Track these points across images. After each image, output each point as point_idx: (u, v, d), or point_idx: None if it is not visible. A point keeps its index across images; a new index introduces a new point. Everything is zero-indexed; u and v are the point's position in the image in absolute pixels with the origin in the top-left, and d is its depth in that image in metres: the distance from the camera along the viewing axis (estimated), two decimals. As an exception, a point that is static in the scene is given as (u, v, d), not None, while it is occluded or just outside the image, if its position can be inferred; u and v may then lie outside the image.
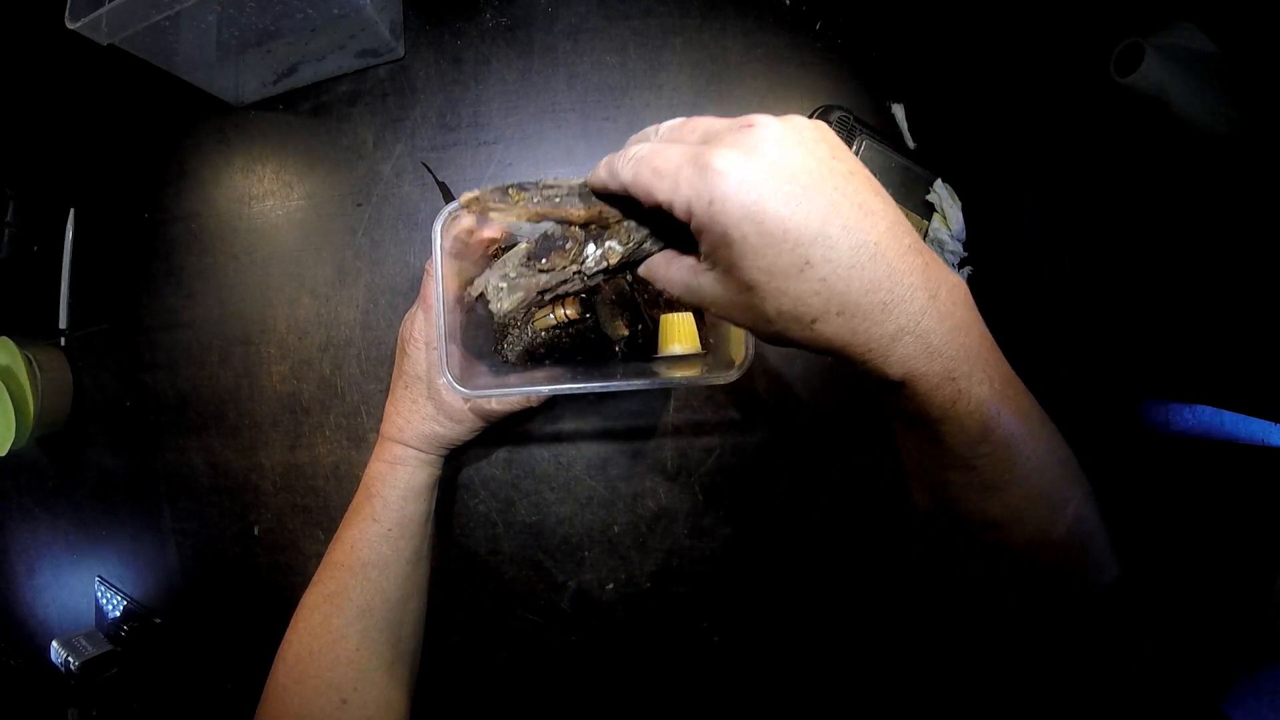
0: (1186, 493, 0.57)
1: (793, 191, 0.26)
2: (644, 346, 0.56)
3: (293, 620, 0.46)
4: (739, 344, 0.41)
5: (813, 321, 0.27)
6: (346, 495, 0.49)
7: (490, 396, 0.47)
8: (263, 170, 0.61)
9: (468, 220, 0.46)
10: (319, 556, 0.47)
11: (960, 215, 0.54)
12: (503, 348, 0.56)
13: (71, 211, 0.63)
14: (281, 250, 0.60)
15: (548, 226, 0.35)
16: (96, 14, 0.45)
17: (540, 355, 0.56)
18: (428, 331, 0.47)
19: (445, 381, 0.41)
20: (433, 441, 0.48)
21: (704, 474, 0.58)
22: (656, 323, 0.55)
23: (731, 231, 0.27)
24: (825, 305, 0.27)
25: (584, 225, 0.34)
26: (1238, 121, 0.53)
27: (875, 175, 0.30)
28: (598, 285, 0.39)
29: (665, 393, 0.57)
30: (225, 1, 0.47)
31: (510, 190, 0.34)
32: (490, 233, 0.50)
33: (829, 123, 0.50)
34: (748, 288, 0.28)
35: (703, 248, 0.29)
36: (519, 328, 0.56)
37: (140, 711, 0.64)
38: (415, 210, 0.59)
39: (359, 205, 0.59)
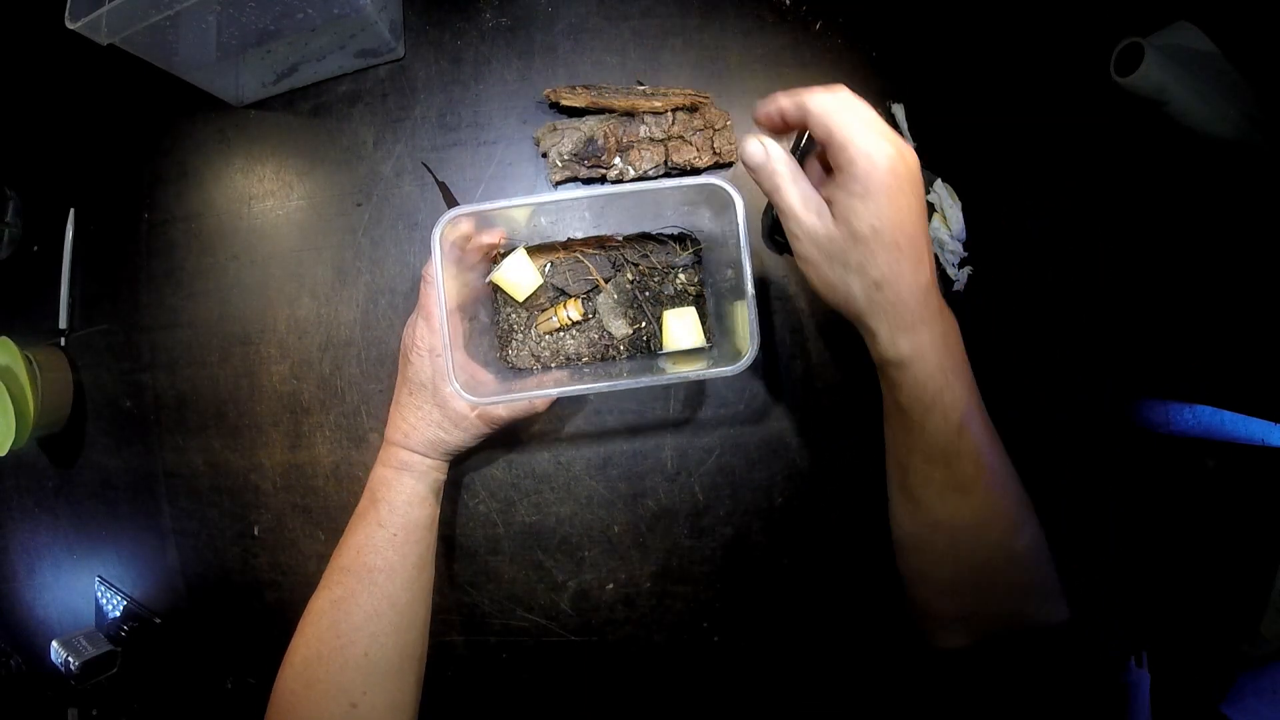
0: (1187, 493, 0.58)
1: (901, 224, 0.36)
2: (648, 344, 0.56)
3: (299, 625, 0.46)
4: (744, 337, 0.41)
5: (875, 283, 0.36)
6: (346, 495, 0.49)
7: (497, 402, 0.46)
8: (263, 170, 0.61)
9: (466, 226, 0.46)
10: (319, 556, 0.47)
11: (960, 215, 0.54)
12: (507, 353, 0.56)
13: (71, 211, 0.63)
14: (281, 250, 0.60)
15: (595, 134, 0.53)
16: (96, 14, 0.45)
17: (545, 358, 0.56)
18: (430, 339, 0.46)
19: (453, 389, 0.41)
20: (438, 448, 0.48)
21: (704, 474, 0.58)
22: (660, 320, 0.55)
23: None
24: (884, 276, 0.36)
25: (619, 120, 0.54)
26: (1237, 122, 0.53)
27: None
28: (599, 287, 0.51)
29: (666, 392, 0.57)
30: (225, 1, 0.47)
31: (576, 88, 0.54)
32: (489, 239, 0.50)
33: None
34: (860, 238, 0.37)
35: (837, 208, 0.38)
36: (523, 332, 0.56)
37: (140, 711, 0.64)
38: (415, 210, 0.59)
39: (359, 205, 0.59)
